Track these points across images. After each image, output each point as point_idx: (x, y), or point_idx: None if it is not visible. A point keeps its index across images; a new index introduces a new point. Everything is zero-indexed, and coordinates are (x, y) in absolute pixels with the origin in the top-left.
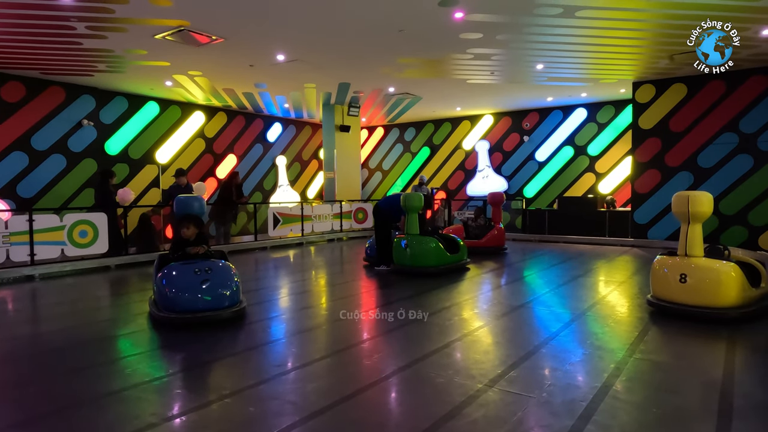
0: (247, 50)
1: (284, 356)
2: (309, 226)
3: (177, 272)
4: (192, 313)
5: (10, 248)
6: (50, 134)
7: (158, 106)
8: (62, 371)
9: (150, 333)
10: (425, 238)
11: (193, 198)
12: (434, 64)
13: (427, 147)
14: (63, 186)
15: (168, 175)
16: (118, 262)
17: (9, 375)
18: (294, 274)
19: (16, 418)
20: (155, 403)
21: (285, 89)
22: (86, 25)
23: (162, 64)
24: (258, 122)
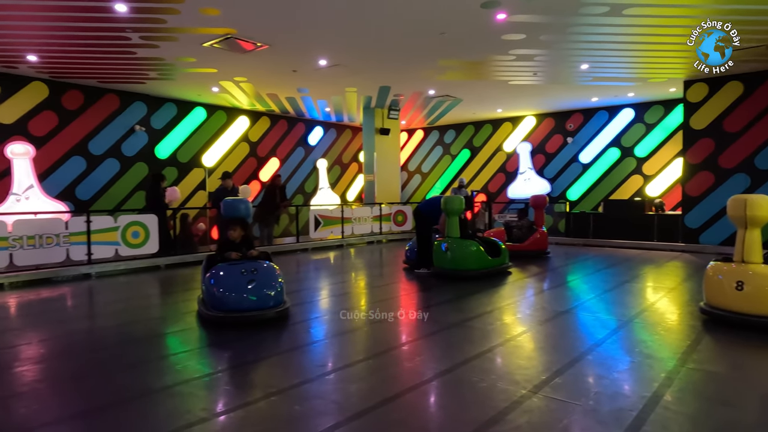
0: (290, 56)
1: (326, 357)
2: (349, 229)
3: (224, 273)
4: (238, 312)
5: (69, 248)
6: (106, 139)
7: (205, 111)
8: (118, 366)
9: (199, 331)
10: (466, 241)
11: (239, 201)
12: (475, 66)
13: (467, 149)
14: (117, 189)
15: (214, 178)
16: (167, 262)
17: (70, 368)
18: (334, 276)
19: (78, 409)
20: (205, 398)
21: (326, 93)
22: (140, 35)
23: (209, 71)
24: (300, 126)
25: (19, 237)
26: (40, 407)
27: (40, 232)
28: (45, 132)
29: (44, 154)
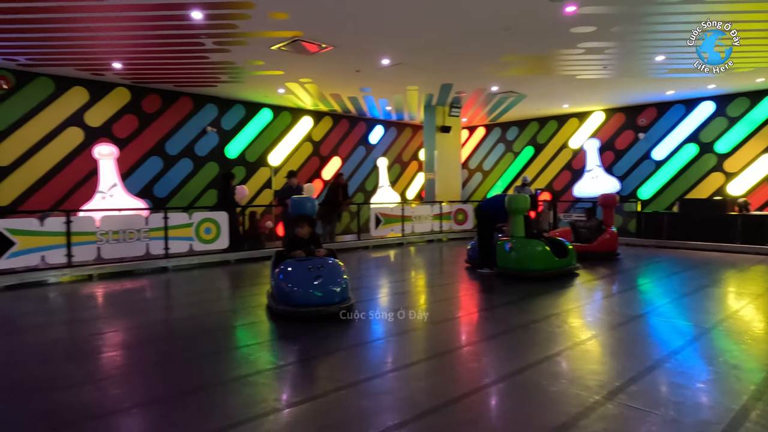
0: (354, 56)
1: (390, 354)
2: (409, 227)
3: (292, 268)
4: (305, 307)
5: (149, 242)
6: (180, 140)
7: (271, 112)
8: (194, 355)
9: (268, 324)
10: (531, 240)
11: (306, 199)
12: (540, 61)
13: (530, 146)
14: (190, 187)
15: (279, 177)
16: (236, 257)
17: (150, 356)
18: (395, 274)
19: (158, 395)
20: (277, 389)
21: (388, 92)
22: (213, 41)
23: (277, 73)
24: (361, 125)
25: (106, 232)
26: (125, 391)
27: (123, 227)
28: (127, 134)
29: (126, 154)
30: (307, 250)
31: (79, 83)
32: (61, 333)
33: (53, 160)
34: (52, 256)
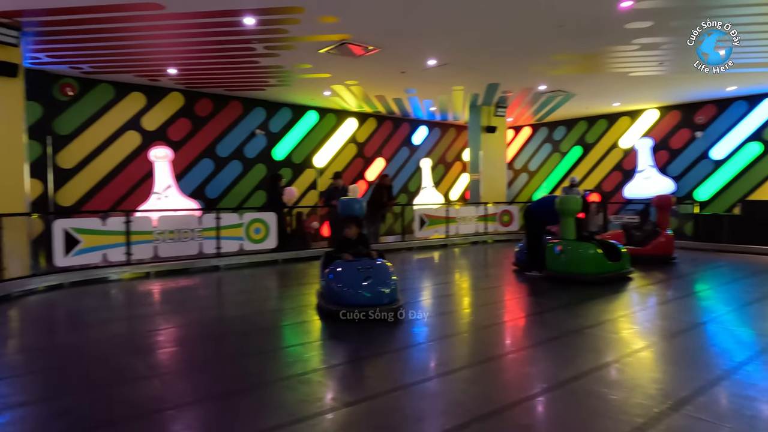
0: (400, 58)
1: (442, 357)
2: (453, 228)
3: (342, 269)
4: (355, 307)
5: (202, 242)
6: (230, 143)
7: (317, 114)
8: (248, 352)
9: (319, 323)
10: (583, 243)
11: (354, 200)
12: (592, 59)
13: (578, 146)
14: (240, 188)
15: (324, 178)
16: (284, 257)
17: (206, 353)
18: (441, 276)
19: (217, 391)
20: (332, 388)
21: (433, 93)
22: (264, 45)
23: (324, 76)
24: (405, 126)
25: (162, 231)
26: (186, 386)
27: (178, 227)
28: (181, 137)
29: (180, 157)
30: (355, 251)
31: (137, 89)
32: (123, 329)
33: (113, 162)
34: (113, 254)
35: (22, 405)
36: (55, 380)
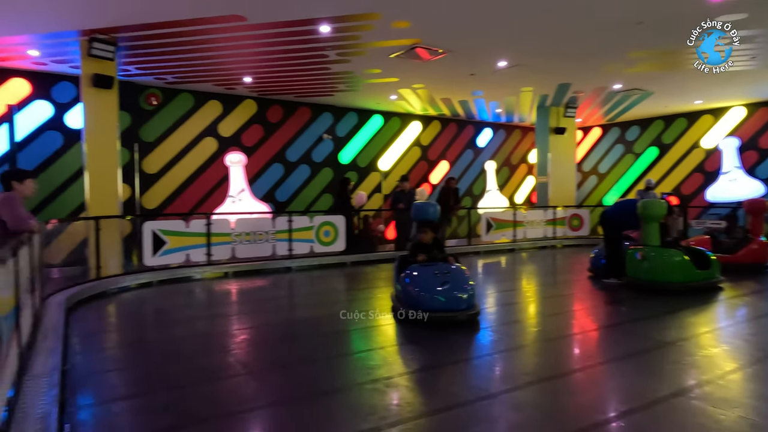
0: (469, 60)
1: (526, 366)
2: (521, 232)
3: (418, 273)
4: (432, 312)
5: (275, 244)
6: (299, 148)
7: (382, 118)
8: (327, 355)
9: (396, 327)
10: (668, 250)
11: (428, 204)
12: (673, 55)
13: (654, 146)
14: (308, 191)
15: (389, 182)
16: (352, 260)
17: (284, 355)
18: (511, 281)
19: (302, 392)
20: (420, 394)
21: (500, 95)
22: (337, 52)
23: (391, 80)
24: (469, 128)
25: (239, 233)
26: (265, 387)
27: (254, 229)
28: (253, 143)
29: (253, 161)
30: (430, 256)
31: (215, 97)
32: (205, 327)
33: (192, 167)
34: (195, 254)
35: (126, 398)
36: (150, 376)
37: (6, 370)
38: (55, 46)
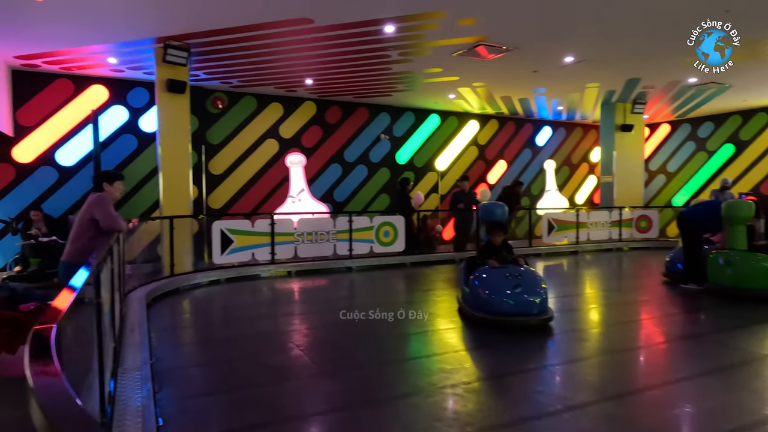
0: (533, 56)
1: (611, 376)
2: (584, 234)
3: (489, 275)
4: (503, 315)
5: (336, 244)
6: (357, 148)
7: (439, 118)
8: (399, 358)
9: (464, 331)
10: (756, 254)
11: (496, 205)
12: (755, 45)
13: (730, 143)
14: (365, 192)
15: (446, 181)
16: (411, 260)
17: (350, 357)
18: (578, 285)
19: (373, 396)
20: (506, 400)
21: (563, 92)
22: (399, 52)
23: (452, 79)
24: (527, 127)
25: (301, 233)
26: (344, 389)
27: (315, 229)
28: (313, 144)
29: (312, 162)
30: (499, 258)
31: (276, 100)
32: (274, 326)
33: (254, 168)
34: (260, 253)
35: (210, 394)
36: (228, 373)
37: (107, 364)
38: (132, 53)
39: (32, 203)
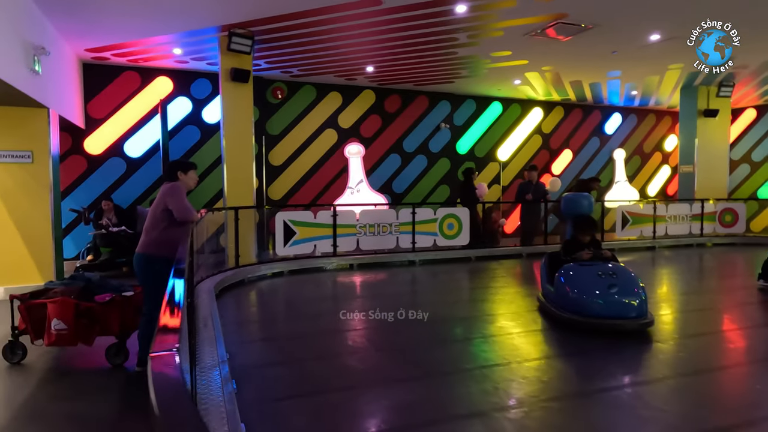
0: (615, 35)
1: (742, 394)
2: (661, 228)
3: (578, 273)
4: (596, 318)
5: (399, 236)
6: (416, 138)
7: (501, 105)
8: (478, 364)
9: (550, 333)
10: None
11: (581, 196)
12: None
13: None
14: (424, 183)
15: (508, 172)
16: (476, 254)
17: (425, 361)
18: (666, 285)
19: (464, 412)
20: (630, 418)
21: (641, 74)
22: (468, 34)
23: (520, 63)
24: (596, 114)
25: (363, 225)
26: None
27: (378, 221)
28: (371, 133)
29: (370, 152)
30: (588, 254)
31: (335, 89)
32: (342, 323)
33: (313, 159)
34: (322, 245)
35: (291, 397)
36: (306, 374)
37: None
38: (196, 43)
39: (102, 194)
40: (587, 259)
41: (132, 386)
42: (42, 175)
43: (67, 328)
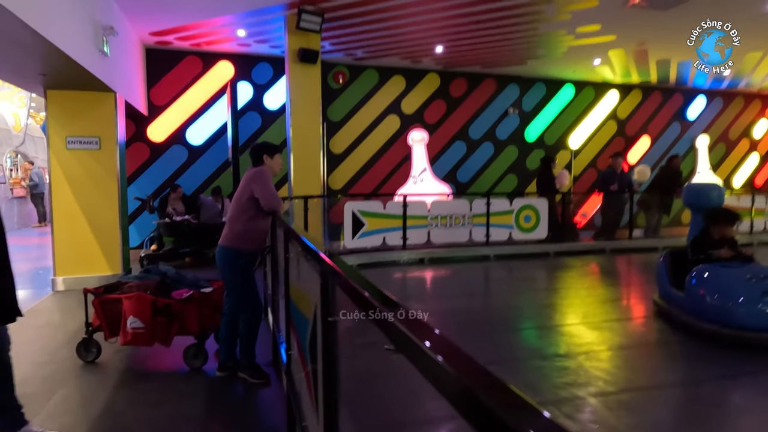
0: (726, 3)
1: None
2: (759, 223)
3: (717, 275)
4: (748, 331)
5: (472, 229)
6: (483, 124)
7: (573, 88)
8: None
9: (679, 348)
10: None
11: (711, 187)
12: None
13: None
14: (490, 172)
15: (579, 161)
16: (555, 249)
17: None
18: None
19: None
20: None
21: (742, 51)
22: (557, 5)
23: (606, 39)
24: (677, 97)
25: (435, 216)
26: None
27: (450, 212)
28: (436, 119)
29: (434, 139)
30: (728, 252)
31: (398, 72)
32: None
33: (375, 146)
34: (391, 237)
35: None
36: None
37: None
38: (260, 24)
39: (165, 182)
40: (728, 259)
41: (215, 393)
42: (109, 163)
43: (144, 327)
